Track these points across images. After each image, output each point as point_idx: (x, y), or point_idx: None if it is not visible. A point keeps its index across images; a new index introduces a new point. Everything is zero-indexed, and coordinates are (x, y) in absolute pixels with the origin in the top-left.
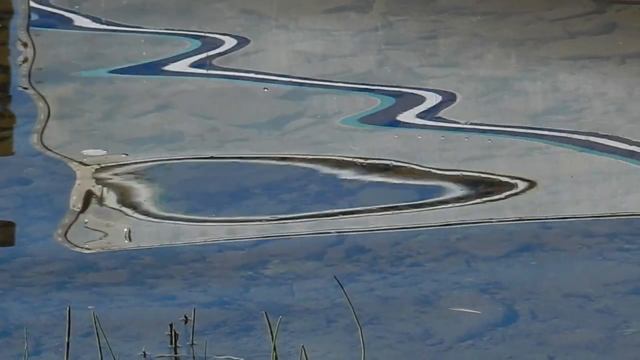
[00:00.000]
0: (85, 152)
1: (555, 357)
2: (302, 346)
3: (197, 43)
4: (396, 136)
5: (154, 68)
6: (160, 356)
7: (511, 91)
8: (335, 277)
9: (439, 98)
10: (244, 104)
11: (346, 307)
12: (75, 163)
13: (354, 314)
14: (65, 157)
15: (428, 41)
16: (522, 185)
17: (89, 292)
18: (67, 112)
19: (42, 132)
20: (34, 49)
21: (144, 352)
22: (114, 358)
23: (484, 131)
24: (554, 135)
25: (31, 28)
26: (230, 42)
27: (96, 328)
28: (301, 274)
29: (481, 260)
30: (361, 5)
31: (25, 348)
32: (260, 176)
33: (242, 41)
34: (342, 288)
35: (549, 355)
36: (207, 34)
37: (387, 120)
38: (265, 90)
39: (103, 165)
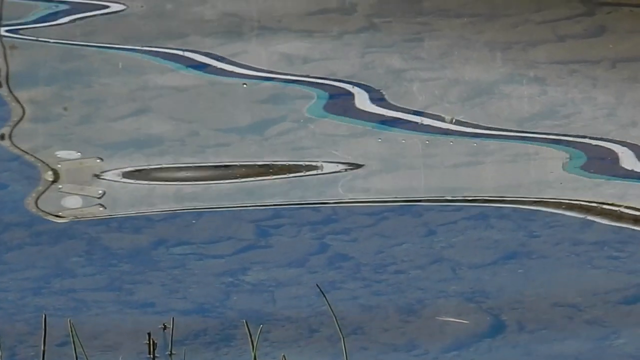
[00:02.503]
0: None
1: None
2: (284, 356)
3: None
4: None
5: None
6: None
7: (499, 95)
8: (317, 285)
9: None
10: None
11: (329, 316)
12: None
13: (337, 323)
14: None
15: (413, 43)
16: (508, 190)
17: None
18: None
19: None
20: None
21: None
22: None
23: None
24: (543, 139)
25: None
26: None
27: (72, 337)
28: (283, 282)
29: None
30: (345, 7)
31: (0, 356)
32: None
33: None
34: (325, 296)
35: None
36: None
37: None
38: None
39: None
